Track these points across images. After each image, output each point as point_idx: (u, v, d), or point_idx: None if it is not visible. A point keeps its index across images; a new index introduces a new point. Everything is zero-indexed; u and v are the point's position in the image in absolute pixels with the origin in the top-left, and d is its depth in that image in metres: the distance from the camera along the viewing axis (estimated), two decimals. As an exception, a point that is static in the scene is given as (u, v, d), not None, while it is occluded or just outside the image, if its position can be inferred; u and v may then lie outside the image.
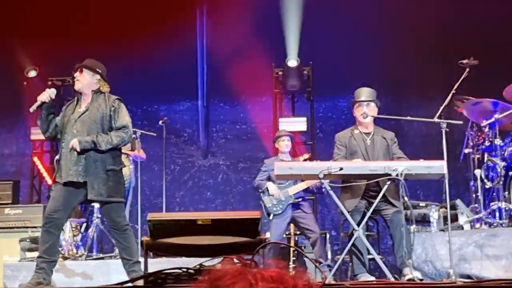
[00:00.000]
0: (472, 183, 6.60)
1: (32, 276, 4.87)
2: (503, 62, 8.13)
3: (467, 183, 6.86)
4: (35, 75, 9.47)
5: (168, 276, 3.69)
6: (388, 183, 5.29)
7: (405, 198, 5.25)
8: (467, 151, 6.73)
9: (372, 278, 5.64)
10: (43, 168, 9.46)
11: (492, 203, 6.08)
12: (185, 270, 3.67)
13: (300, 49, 8.98)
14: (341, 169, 5.25)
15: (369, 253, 5.61)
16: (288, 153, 7.19)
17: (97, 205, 6.90)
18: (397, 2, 8.70)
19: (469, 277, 5.57)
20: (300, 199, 6.89)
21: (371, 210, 5.44)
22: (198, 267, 3.67)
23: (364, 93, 6.00)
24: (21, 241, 7.16)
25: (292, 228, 7.11)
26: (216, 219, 4.18)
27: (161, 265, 4.96)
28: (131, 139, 5.34)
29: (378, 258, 5.46)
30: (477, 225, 6.14)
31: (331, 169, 5.25)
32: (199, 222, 4.14)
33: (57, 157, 5.25)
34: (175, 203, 9.83)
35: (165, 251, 4.41)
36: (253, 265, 3.39)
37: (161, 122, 8.12)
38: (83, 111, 5.07)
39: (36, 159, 9.60)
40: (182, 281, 3.66)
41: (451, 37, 8.76)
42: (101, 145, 4.91)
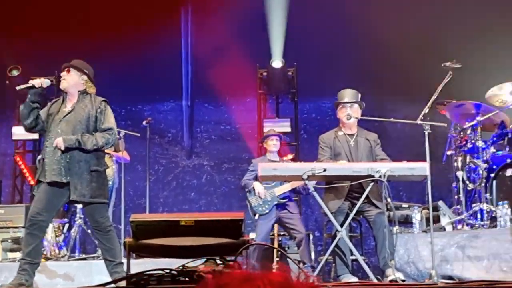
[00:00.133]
0: (454, 185, 6.64)
1: (14, 277, 4.84)
2: (485, 65, 8.20)
3: (450, 185, 6.90)
4: (18, 74, 9.39)
5: (150, 277, 3.67)
6: (371, 184, 5.31)
7: (388, 199, 5.27)
8: (449, 153, 6.78)
9: (355, 279, 5.66)
10: (25, 168, 9.39)
11: (474, 205, 6.12)
12: (168, 271, 3.66)
13: (284, 50, 8.99)
14: (325, 170, 5.26)
15: (352, 254, 5.62)
16: (276, 153, 7.18)
17: (80, 206, 6.86)
18: (381, 5, 8.74)
19: (451, 278, 5.61)
20: (286, 200, 6.88)
21: (354, 211, 5.46)
22: (181, 268, 3.66)
23: (347, 95, 6.01)
24: (2, 241, 7.09)
25: (275, 228, 7.11)
26: (199, 220, 4.17)
27: (144, 266, 4.95)
28: (116, 141, 5.32)
29: (361, 259, 5.48)
30: (459, 227, 6.18)
31: (315, 170, 5.26)
32: (182, 223, 4.13)
33: (40, 156, 5.21)
34: (158, 204, 9.81)
35: (148, 252, 4.40)
36: (237, 266, 3.39)
37: (145, 122, 8.09)
38: (69, 111, 5.04)
39: (18, 159, 9.54)
40: (164, 282, 3.65)
41: (433, 40, 8.81)
42: (86, 144, 4.88)
